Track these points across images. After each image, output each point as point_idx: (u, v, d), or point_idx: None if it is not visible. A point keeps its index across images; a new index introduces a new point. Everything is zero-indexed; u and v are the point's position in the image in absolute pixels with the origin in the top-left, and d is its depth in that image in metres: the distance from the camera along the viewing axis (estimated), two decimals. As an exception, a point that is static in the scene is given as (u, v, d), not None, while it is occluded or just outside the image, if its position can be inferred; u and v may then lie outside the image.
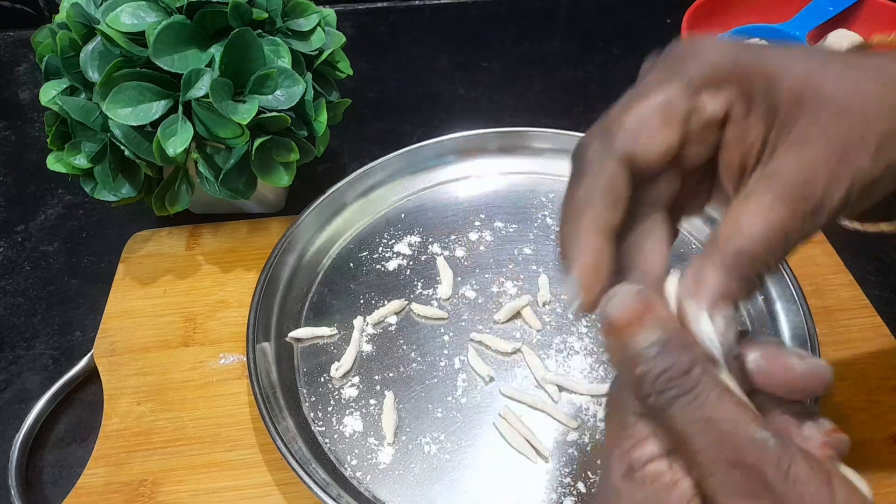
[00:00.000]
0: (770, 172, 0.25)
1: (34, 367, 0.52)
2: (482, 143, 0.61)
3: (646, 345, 0.22)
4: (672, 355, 0.22)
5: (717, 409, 0.21)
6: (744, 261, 0.24)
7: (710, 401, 0.21)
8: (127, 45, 0.46)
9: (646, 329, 0.22)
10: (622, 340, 0.23)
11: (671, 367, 0.22)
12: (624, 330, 0.23)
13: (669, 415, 0.22)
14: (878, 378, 0.48)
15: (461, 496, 0.43)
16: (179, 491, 0.44)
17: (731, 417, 0.21)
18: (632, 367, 0.22)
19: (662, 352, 0.22)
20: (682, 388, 0.22)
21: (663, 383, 0.22)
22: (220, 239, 0.58)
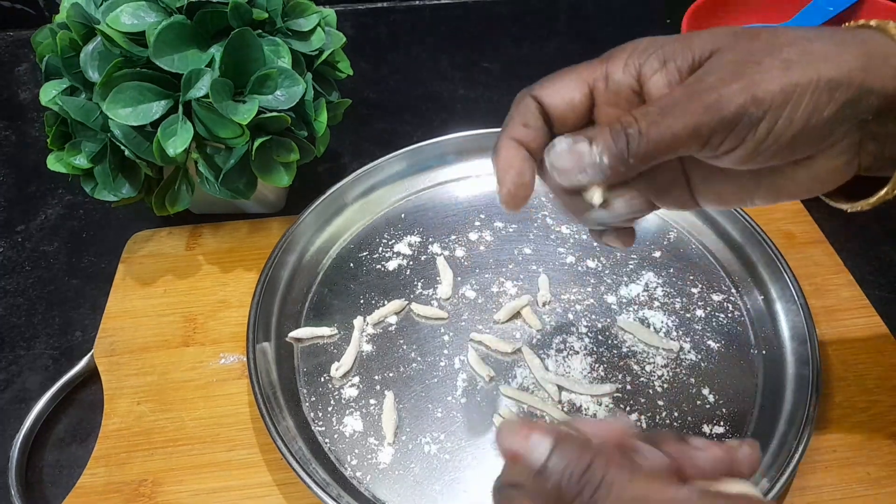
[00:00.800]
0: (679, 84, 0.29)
1: (34, 367, 0.52)
2: (482, 143, 0.61)
3: (543, 457, 0.24)
4: (569, 457, 0.24)
5: (634, 488, 0.23)
6: (622, 125, 0.28)
7: (624, 485, 0.23)
8: (127, 45, 0.46)
9: (536, 446, 0.24)
10: (525, 465, 0.24)
11: (574, 467, 0.24)
12: (520, 457, 0.25)
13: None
14: (878, 378, 0.48)
15: (461, 496, 0.43)
16: (179, 491, 0.44)
17: (651, 489, 0.23)
18: (544, 486, 0.24)
19: (560, 456, 0.24)
20: (594, 484, 0.23)
21: (575, 486, 0.23)
22: (220, 239, 0.58)
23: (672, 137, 0.28)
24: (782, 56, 0.27)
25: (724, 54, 0.28)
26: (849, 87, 0.27)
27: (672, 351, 0.49)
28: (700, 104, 0.27)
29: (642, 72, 0.30)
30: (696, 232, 0.57)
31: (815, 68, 0.27)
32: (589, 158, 0.29)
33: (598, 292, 0.53)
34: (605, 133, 0.29)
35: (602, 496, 0.23)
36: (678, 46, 0.30)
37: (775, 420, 0.45)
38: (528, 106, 0.32)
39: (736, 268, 0.54)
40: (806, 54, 0.27)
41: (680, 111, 0.28)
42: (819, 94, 0.27)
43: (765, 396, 0.47)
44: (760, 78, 0.27)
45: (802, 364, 0.47)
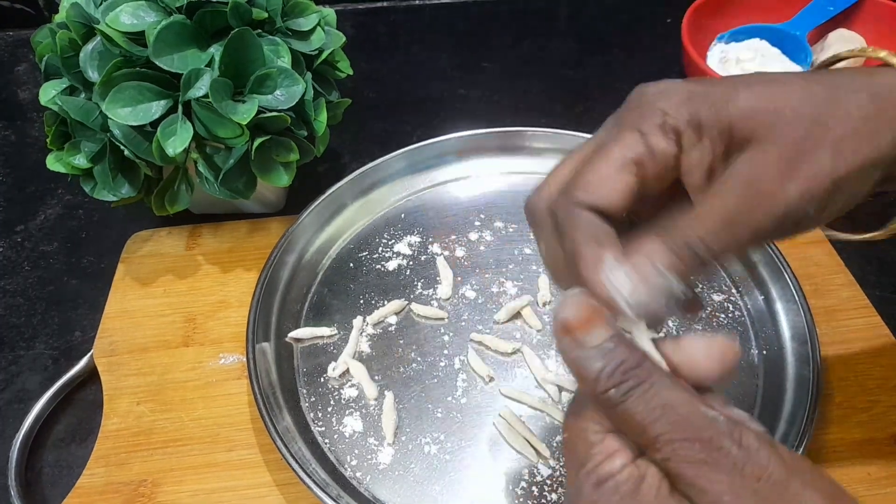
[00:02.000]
0: (727, 175, 0.26)
1: (34, 367, 0.52)
2: (482, 143, 0.61)
3: (599, 341, 0.24)
4: (624, 350, 0.24)
5: (671, 396, 0.23)
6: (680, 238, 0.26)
7: (664, 388, 0.24)
8: (127, 44, 0.46)
9: (598, 328, 0.24)
10: (577, 340, 0.24)
11: (625, 360, 0.24)
12: (578, 329, 0.24)
13: (628, 406, 0.24)
14: (878, 378, 0.48)
15: (461, 496, 0.43)
16: (179, 491, 0.44)
17: (685, 401, 0.23)
18: (589, 365, 0.24)
19: (616, 347, 0.24)
20: (638, 379, 0.24)
21: (620, 375, 0.24)
22: (219, 239, 0.58)
23: (737, 245, 0.26)
24: (829, 141, 0.26)
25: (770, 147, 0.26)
26: (886, 162, 0.27)
27: (672, 351, 0.49)
28: (761, 212, 0.26)
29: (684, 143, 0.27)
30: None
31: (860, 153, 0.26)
32: (658, 285, 0.26)
33: (598, 292, 0.53)
34: (667, 255, 0.26)
35: (640, 391, 0.23)
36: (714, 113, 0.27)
37: (775, 420, 0.45)
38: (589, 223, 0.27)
39: (736, 268, 0.54)
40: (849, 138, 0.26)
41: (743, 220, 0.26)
42: (864, 177, 0.27)
43: (765, 396, 0.47)
44: (814, 173, 0.26)
45: (803, 364, 0.47)
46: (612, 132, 0.28)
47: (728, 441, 0.23)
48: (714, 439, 0.23)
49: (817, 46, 0.72)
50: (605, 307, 0.25)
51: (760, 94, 0.27)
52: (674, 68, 0.76)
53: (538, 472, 0.43)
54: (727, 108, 0.27)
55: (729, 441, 0.23)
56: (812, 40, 0.72)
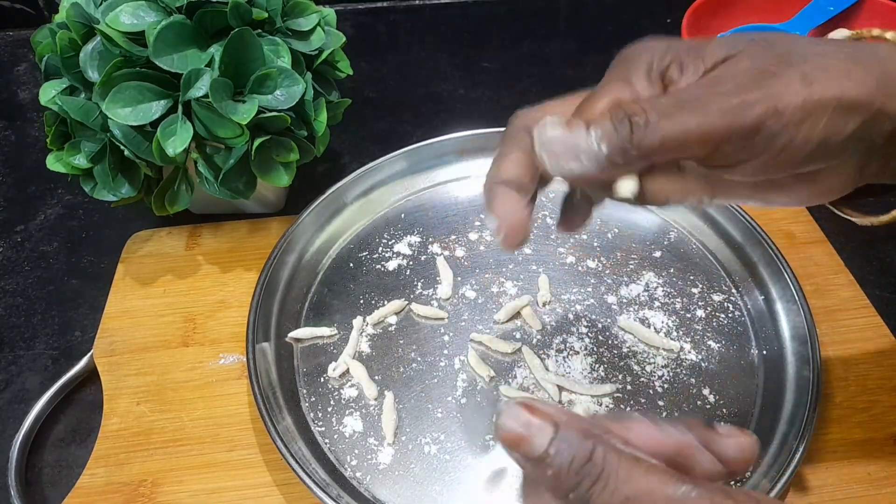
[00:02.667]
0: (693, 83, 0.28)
1: (34, 367, 0.52)
2: (482, 143, 0.61)
3: (543, 447, 0.23)
4: (571, 446, 0.23)
5: (630, 485, 0.22)
6: (627, 110, 0.26)
7: (621, 479, 0.22)
8: (127, 44, 0.46)
9: (537, 433, 0.23)
10: (523, 453, 0.24)
11: (574, 457, 0.23)
12: (520, 444, 0.23)
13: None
14: (878, 378, 0.48)
15: (461, 496, 0.43)
16: (179, 491, 0.44)
17: (647, 487, 0.22)
18: (543, 473, 0.23)
19: (560, 447, 0.23)
20: (592, 477, 0.23)
21: (574, 477, 0.23)
22: (219, 239, 0.58)
23: (682, 135, 0.26)
24: (802, 69, 0.26)
25: (740, 60, 0.27)
26: (868, 109, 0.26)
27: (672, 351, 0.49)
28: (718, 106, 0.26)
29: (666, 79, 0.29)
30: (697, 232, 0.57)
31: (837, 86, 0.26)
32: (585, 145, 0.26)
33: (599, 292, 0.53)
34: (605, 119, 0.27)
35: (598, 489, 0.22)
36: (693, 51, 0.28)
37: (776, 420, 0.45)
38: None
39: (736, 268, 0.54)
40: (825, 70, 0.26)
41: (695, 109, 0.26)
42: (838, 115, 0.26)
43: (765, 396, 0.47)
44: (781, 90, 0.26)
45: (803, 364, 0.47)
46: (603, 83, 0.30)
47: None
48: None
49: (817, 46, 0.72)
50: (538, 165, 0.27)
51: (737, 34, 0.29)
52: (674, 68, 0.76)
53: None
54: (706, 45, 0.28)
55: None
56: (812, 40, 0.72)
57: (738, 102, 0.26)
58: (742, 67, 0.27)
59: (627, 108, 0.27)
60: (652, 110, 0.26)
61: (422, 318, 0.52)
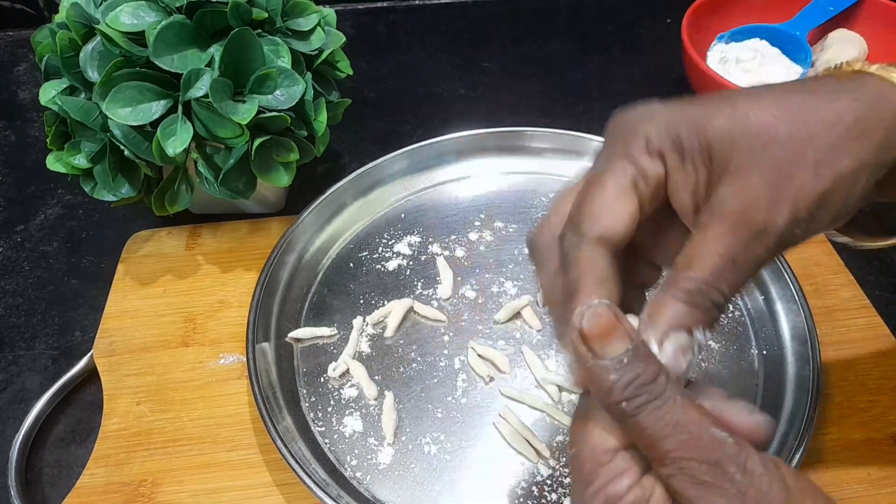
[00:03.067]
0: (712, 206, 0.27)
1: (34, 367, 0.52)
2: (482, 143, 0.61)
3: (617, 354, 0.24)
4: (640, 364, 0.24)
5: (682, 414, 0.24)
6: (694, 288, 0.26)
7: (676, 405, 0.24)
8: (127, 44, 0.46)
9: (617, 339, 0.24)
10: (594, 350, 0.24)
11: (640, 374, 0.24)
12: (597, 340, 0.24)
13: (639, 420, 0.24)
14: (878, 378, 0.48)
15: (461, 496, 0.43)
16: (179, 491, 0.44)
17: (696, 420, 0.24)
18: (603, 376, 0.24)
19: (632, 360, 0.24)
20: (652, 394, 0.24)
21: (633, 389, 0.24)
22: (219, 239, 0.58)
23: (743, 281, 0.27)
24: (810, 161, 0.26)
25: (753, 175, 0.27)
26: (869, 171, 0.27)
27: (672, 351, 0.49)
28: (759, 246, 0.26)
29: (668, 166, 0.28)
30: (697, 232, 0.57)
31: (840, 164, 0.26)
32: (695, 342, 0.26)
33: (599, 292, 0.53)
34: (696, 314, 0.26)
35: (652, 408, 0.24)
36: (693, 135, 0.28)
37: (775, 420, 0.45)
38: (599, 260, 0.27)
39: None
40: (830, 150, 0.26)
41: (742, 258, 0.26)
42: (848, 187, 0.27)
43: (765, 397, 0.47)
44: (797, 195, 0.26)
45: (803, 364, 0.47)
46: (603, 163, 0.29)
47: (733, 466, 0.23)
48: (720, 462, 0.23)
49: (817, 46, 0.72)
50: None
51: (736, 114, 0.27)
52: (674, 68, 0.76)
53: (538, 472, 0.43)
54: (706, 132, 0.27)
55: (734, 466, 0.23)
56: (812, 40, 0.72)
57: (774, 233, 0.26)
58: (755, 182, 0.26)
59: (701, 292, 0.26)
60: (717, 280, 0.26)
61: (422, 318, 0.52)
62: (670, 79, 0.76)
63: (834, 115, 0.27)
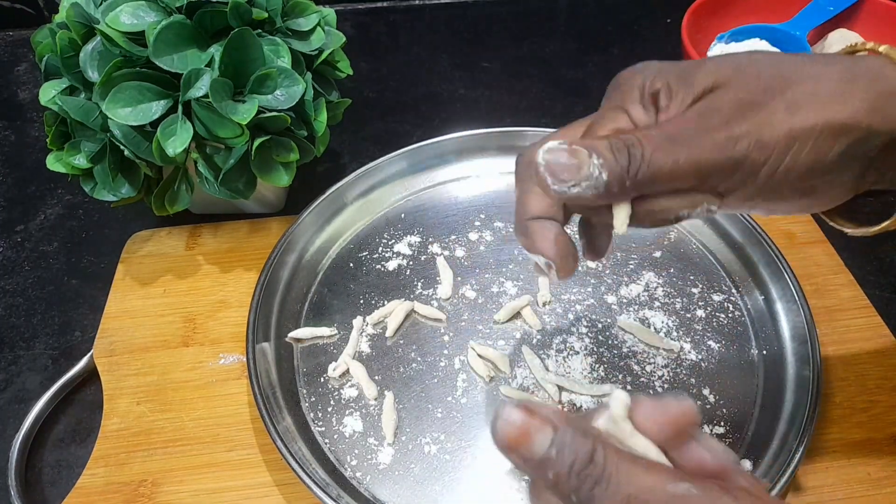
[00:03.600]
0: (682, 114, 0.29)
1: (34, 367, 0.52)
2: (482, 143, 0.61)
3: (544, 448, 0.23)
4: (571, 448, 0.23)
5: (631, 484, 0.22)
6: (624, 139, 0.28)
7: (623, 479, 0.22)
8: (127, 44, 0.46)
9: (538, 435, 0.23)
10: (522, 455, 0.24)
11: (574, 459, 0.23)
12: (519, 446, 0.24)
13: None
14: (878, 378, 0.48)
15: (461, 496, 0.43)
16: (179, 491, 0.44)
17: (647, 485, 0.22)
18: (544, 474, 0.23)
19: (560, 448, 0.23)
20: (594, 478, 0.23)
21: (575, 479, 0.23)
22: (219, 239, 0.58)
23: (673, 167, 0.27)
24: (787, 97, 0.27)
25: (728, 90, 0.28)
26: (855, 130, 0.27)
27: (672, 351, 0.49)
28: (707, 140, 0.27)
29: (658, 106, 0.30)
30: (697, 232, 0.57)
31: (822, 112, 0.27)
32: (587, 171, 0.27)
33: (599, 292, 0.53)
34: (605, 148, 0.28)
35: (601, 490, 0.22)
36: (682, 78, 0.29)
37: (775, 420, 0.45)
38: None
39: (736, 268, 0.54)
40: (812, 95, 0.27)
41: (686, 143, 0.27)
42: (824, 139, 0.27)
43: (765, 396, 0.47)
44: (765, 121, 0.27)
45: (803, 364, 0.47)
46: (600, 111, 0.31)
47: None
48: None
49: (817, 46, 0.72)
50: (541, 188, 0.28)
51: (726, 57, 0.29)
52: (674, 68, 0.76)
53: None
54: (695, 72, 0.29)
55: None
56: (812, 40, 0.72)
57: (725, 137, 0.27)
58: (728, 99, 0.28)
59: (626, 139, 0.28)
60: (648, 143, 0.27)
61: (422, 318, 0.52)
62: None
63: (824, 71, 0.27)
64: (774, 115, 0.27)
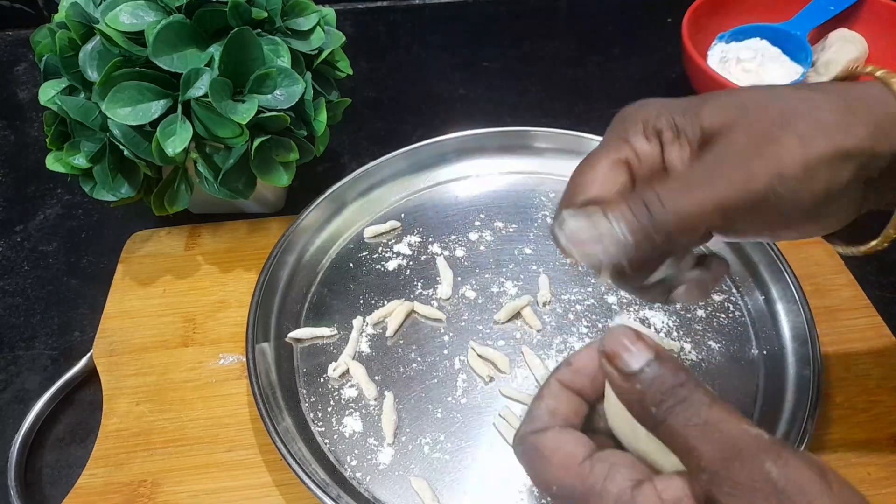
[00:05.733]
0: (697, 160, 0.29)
1: (34, 367, 0.52)
2: (482, 142, 0.61)
3: (641, 363, 0.25)
4: (665, 371, 0.25)
5: (712, 413, 0.24)
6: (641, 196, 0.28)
7: (704, 406, 0.24)
8: (126, 44, 0.46)
9: (638, 352, 0.26)
10: (619, 366, 0.26)
11: (664, 379, 0.25)
12: (620, 356, 0.26)
13: (670, 423, 0.24)
14: (879, 378, 0.48)
15: (461, 496, 0.42)
16: (179, 491, 0.44)
17: (727, 418, 0.24)
18: (632, 386, 0.26)
19: (656, 368, 0.25)
20: (679, 397, 0.25)
21: (661, 394, 0.25)
22: (219, 239, 0.58)
23: (699, 210, 0.27)
24: (798, 129, 0.28)
25: (737, 132, 0.29)
26: (861, 155, 0.28)
27: (673, 351, 0.49)
28: (726, 181, 0.28)
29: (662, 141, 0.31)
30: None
31: (831, 141, 0.28)
32: (609, 234, 0.28)
33: (599, 292, 0.53)
34: (621, 206, 0.28)
35: (681, 409, 0.24)
36: (687, 117, 0.30)
37: (776, 420, 0.45)
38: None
39: (736, 268, 0.54)
40: (818, 127, 0.28)
41: (705, 186, 0.28)
42: (836, 166, 0.28)
43: (765, 396, 0.47)
44: (782, 155, 0.27)
45: (803, 364, 0.47)
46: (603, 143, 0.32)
47: (771, 462, 0.23)
48: (757, 459, 0.23)
49: (818, 46, 0.72)
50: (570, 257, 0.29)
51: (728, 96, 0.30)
52: (674, 68, 0.76)
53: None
54: (699, 111, 0.30)
55: (773, 462, 0.23)
56: (812, 40, 0.72)
57: (745, 174, 0.28)
58: (739, 140, 0.28)
59: (640, 192, 0.28)
60: (663, 191, 0.28)
61: (422, 318, 0.52)
62: (670, 79, 0.76)
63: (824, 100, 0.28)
64: (788, 147, 0.28)
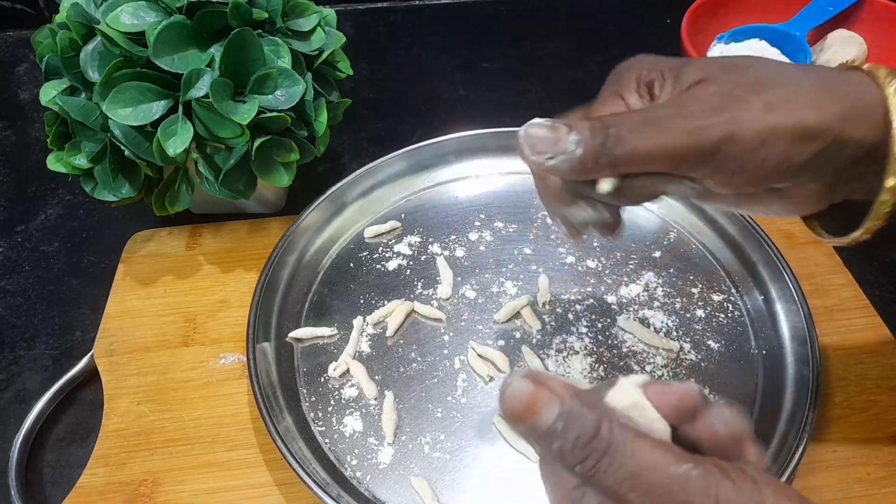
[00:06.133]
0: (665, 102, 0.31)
1: (34, 367, 0.52)
2: (482, 143, 0.61)
3: (550, 421, 0.23)
4: (577, 423, 0.23)
5: (635, 461, 0.22)
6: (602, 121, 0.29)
7: (627, 455, 0.23)
8: (127, 45, 0.46)
9: (545, 407, 0.24)
10: (529, 426, 0.24)
11: (580, 434, 0.23)
12: (526, 416, 0.24)
13: (598, 480, 0.23)
14: (878, 377, 0.48)
15: (461, 496, 0.43)
16: (179, 491, 0.44)
17: (651, 463, 0.22)
18: (549, 446, 0.24)
19: (567, 423, 0.23)
20: (598, 452, 0.23)
21: (580, 452, 0.23)
22: (220, 239, 0.58)
23: (647, 151, 0.28)
24: (766, 96, 0.28)
25: (710, 84, 0.29)
26: (825, 136, 0.28)
27: (672, 351, 0.49)
28: (681, 127, 0.28)
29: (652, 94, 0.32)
30: (696, 232, 0.57)
31: (795, 115, 0.28)
32: (563, 145, 0.29)
33: (598, 292, 0.53)
34: (585, 126, 0.29)
35: (605, 465, 0.23)
36: (673, 69, 0.31)
37: (775, 420, 0.45)
38: None
39: (736, 268, 0.54)
40: (790, 99, 0.28)
41: (661, 127, 0.28)
42: (793, 142, 0.28)
43: (765, 396, 0.47)
44: (741, 116, 0.28)
45: (802, 364, 0.47)
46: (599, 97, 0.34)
47: (701, 499, 0.22)
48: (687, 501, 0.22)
49: (817, 47, 0.72)
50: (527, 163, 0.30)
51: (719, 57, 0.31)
52: (674, 68, 0.76)
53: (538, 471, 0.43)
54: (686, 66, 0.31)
55: (702, 499, 0.22)
56: (812, 40, 0.72)
57: (699, 125, 0.28)
58: (710, 91, 0.29)
59: (607, 119, 0.29)
60: (624, 125, 0.29)
61: (422, 318, 0.52)
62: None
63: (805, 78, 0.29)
64: (750, 111, 0.28)
